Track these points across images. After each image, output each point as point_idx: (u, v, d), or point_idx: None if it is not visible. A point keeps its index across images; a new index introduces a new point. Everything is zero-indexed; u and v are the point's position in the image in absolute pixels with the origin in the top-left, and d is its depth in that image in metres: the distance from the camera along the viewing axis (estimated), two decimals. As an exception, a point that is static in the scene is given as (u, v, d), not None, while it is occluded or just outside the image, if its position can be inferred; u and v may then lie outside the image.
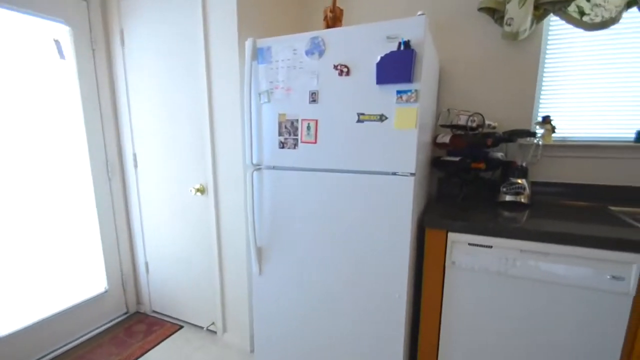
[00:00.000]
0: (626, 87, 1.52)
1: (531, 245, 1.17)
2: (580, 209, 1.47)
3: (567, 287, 1.15)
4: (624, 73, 1.51)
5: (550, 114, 1.62)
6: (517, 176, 1.55)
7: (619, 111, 1.55)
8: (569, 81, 1.60)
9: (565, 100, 1.62)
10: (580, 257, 1.12)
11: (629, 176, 1.53)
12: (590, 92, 1.57)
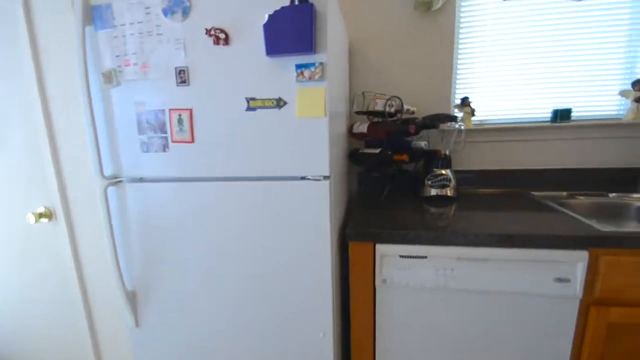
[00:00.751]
0: (541, 65, 1.45)
1: (469, 251, 0.97)
2: (505, 197, 1.36)
3: (510, 295, 0.99)
4: (539, 50, 1.43)
5: (467, 95, 1.48)
6: (441, 166, 1.38)
7: (536, 91, 1.48)
8: (484, 59, 1.49)
9: (481, 80, 1.51)
10: (521, 260, 0.95)
11: (548, 158, 1.48)
12: (505, 70, 1.48)
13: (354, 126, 1.40)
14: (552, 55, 1.42)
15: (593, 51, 1.39)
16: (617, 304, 0.94)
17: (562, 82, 1.44)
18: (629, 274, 0.91)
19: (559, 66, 1.43)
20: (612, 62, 1.39)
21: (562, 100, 1.46)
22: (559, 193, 1.38)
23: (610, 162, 1.42)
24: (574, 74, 1.42)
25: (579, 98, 1.44)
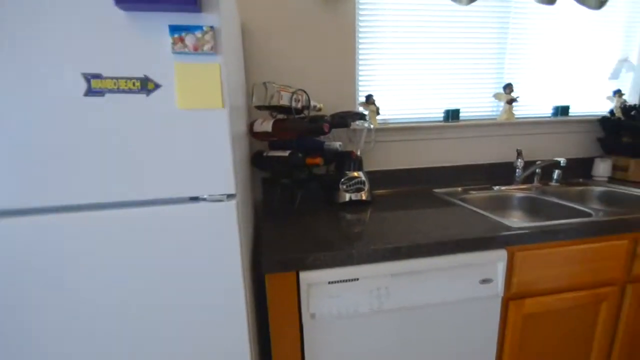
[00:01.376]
0: (432, 68, 1.48)
1: (405, 265, 0.86)
2: (413, 197, 1.33)
3: (444, 305, 0.92)
4: (430, 53, 1.46)
5: (371, 92, 1.41)
6: (354, 168, 1.26)
7: (430, 91, 1.51)
8: (384, 56, 1.44)
9: (382, 78, 1.46)
10: (454, 266, 0.89)
11: (443, 156, 1.53)
12: (402, 70, 1.46)
13: (255, 124, 1.15)
14: (440, 58, 1.47)
15: (472, 57, 1.49)
16: (529, 296, 0.97)
17: (451, 85, 1.51)
18: (538, 267, 0.95)
19: (447, 69, 1.49)
20: (487, 67, 1.52)
21: (452, 101, 1.53)
22: (455, 189, 1.44)
23: (489, 157, 1.56)
24: (459, 78, 1.51)
25: (465, 99, 1.54)
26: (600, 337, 1.05)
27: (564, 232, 0.93)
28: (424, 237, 0.88)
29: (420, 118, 1.52)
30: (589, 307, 1.01)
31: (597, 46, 1.56)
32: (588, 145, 1.62)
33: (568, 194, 1.44)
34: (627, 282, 1.03)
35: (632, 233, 0.99)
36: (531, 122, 1.54)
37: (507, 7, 1.46)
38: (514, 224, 0.96)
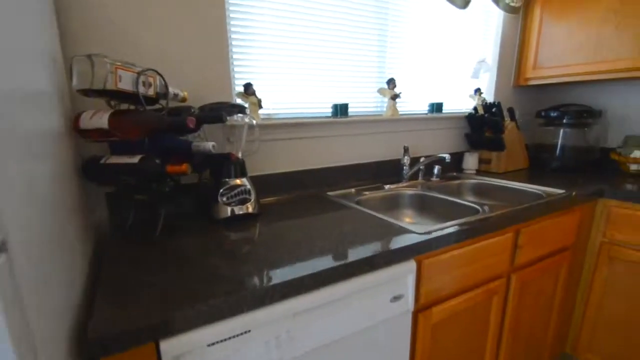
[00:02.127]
0: (317, 58, 1.33)
1: (309, 300, 0.67)
2: (306, 203, 1.17)
3: (354, 335, 0.76)
4: (313, 42, 1.30)
5: (250, 81, 1.17)
6: (235, 175, 1.00)
7: (317, 84, 1.36)
8: (263, 36, 1.21)
9: (264, 64, 1.24)
10: (363, 288, 0.74)
11: (334, 155, 1.41)
12: (286, 56, 1.27)
13: (81, 117, 0.77)
14: (325, 47, 1.34)
15: (356, 49, 1.41)
16: (436, 304, 0.91)
17: (337, 78, 1.40)
18: (442, 272, 0.89)
19: (332, 61, 1.36)
20: (370, 61, 1.46)
21: (339, 96, 1.42)
22: (349, 190, 1.34)
23: (378, 155, 1.52)
24: (345, 70, 1.41)
25: (352, 94, 1.45)
26: (493, 329, 1.09)
27: (464, 233, 0.90)
28: (328, 259, 0.70)
29: (308, 113, 1.37)
30: (483, 303, 1.03)
31: (462, 47, 1.69)
32: (459, 141, 1.76)
33: (449, 188, 1.51)
34: (511, 272, 1.09)
35: (514, 226, 1.04)
36: (413, 118, 1.56)
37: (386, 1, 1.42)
38: (418, 228, 0.88)
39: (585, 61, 1.58)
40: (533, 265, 1.15)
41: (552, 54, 1.70)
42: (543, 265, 1.18)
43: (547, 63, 1.73)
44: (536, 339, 1.30)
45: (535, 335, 1.29)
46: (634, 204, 1.25)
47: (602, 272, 1.35)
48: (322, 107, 1.39)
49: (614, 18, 1.46)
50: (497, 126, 1.62)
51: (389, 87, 1.47)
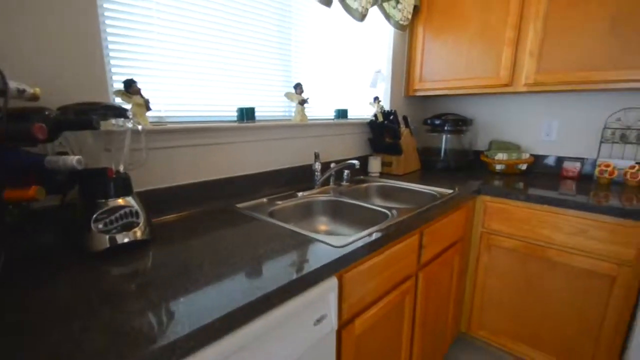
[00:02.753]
0: (223, 54, 1.19)
1: (219, 350, 0.54)
2: (212, 220, 1.02)
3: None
4: (214, 40, 1.16)
5: (132, 77, 0.97)
6: (116, 194, 0.80)
7: (219, 85, 1.21)
8: (149, 24, 1.02)
9: (152, 58, 1.04)
10: (282, 320, 0.65)
11: (240, 162, 1.28)
12: (181, 51, 1.10)
13: None
14: (227, 47, 1.21)
15: (260, 53, 1.32)
16: (358, 316, 0.88)
17: (241, 80, 1.28)
18: (362, 282, 0.87)
19: (235, 61, 1.24)
20: (275, 64, 1.39)
21: (245, 98, 1.31)
22: (260, 201, 1.25)
23: (289, 161, 1.46)
24: (249, 72, 1.30)
25: (258, 97, 1.35)
26: (407, 326, 1.13)
27: (379, 241, 0.89)
28: (244, 292, 0.60)
29: (209, 117, 1.22)
30: (398, 305, 1.06)
31: (362, 57, 1.76)
32: (363, 145, 1.83)
33: (359, 191, 1.55)
34: (418, 271, 1.15)
35: (419, 228, 1.10)
36: (321, 124, 1.55)
37: (288, 2, 1.37)
38: (336, 241, 0.84)
39: (459, 77, 1.82)
40: (434, 261, 1.25)
41: (433, 69, 1.92)
42: (442, 259, 1.30)
43: (430, 77, 1.94)
44: (440, 325, 1.42)
45: (439, 322, 1.41)
46: (501, 198, 1.48)
47: (484, 258, 1.57)
48: (227, 111, 1.25)
49: (478, 43, 1.72)
50: (395, 132, 1.74)
51: (297, 92, 1.42)
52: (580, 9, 1.42)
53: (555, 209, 1.35)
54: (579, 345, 1.38)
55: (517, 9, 1.57)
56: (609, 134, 1.68)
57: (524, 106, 1.93)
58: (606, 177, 1.60)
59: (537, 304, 1.46)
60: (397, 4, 1.74)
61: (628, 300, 1.24)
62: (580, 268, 1.33)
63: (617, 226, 1.23)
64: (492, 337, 1.61)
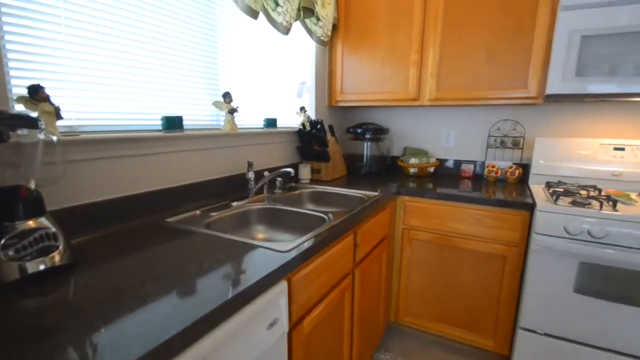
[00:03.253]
0: (146, 63, 1.12)
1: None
2: (141, 237, 0.95)
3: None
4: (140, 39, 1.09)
5: (39, 81, 0.85)
6: (27, 215, 0.70)
7: (141, 92, 1.14)
8: (58, 26, 0.92)
9: (64, 61, 0.93)
10: (235, 330, 0.66)
11: (168, 174, 1.21)
12: (98, 60, 1.00)
13: None
14: (148, 54, 1.14)
15: (186, 60, 1.28)
16: (305, 316, 0.92)
17: (167, 88, 1.22)
18: (309, 284, 0.91)
19: (157, 66, 1.18)
20: (201, 72, 1.36)
21: (172, 107, 1.25)
22: (193, 213, 1.20)
23: (220, 171, 1.42)
24: (175, 80, 1.25)
25: (184, 106, 1.30)
26: (347, 321, 1.20)
27: (321, 242, 0.95)
28: (189, 309, 0.58)
29: (133, 126, 1.13)
30: (339, 301, 1.12)
31: (288, 68, 1.83)
32: (293, 153, 1.88)
33: (292, 198, 1.59)
34: (354, 268, 1.24)
35: (353, 228, 1.19)
36: (252, 133, 1.56)
37: (212, 12, 1.37)
38: (282, 246, 0.87)
39: (375, 91, 2.02)
40: (367, 258, 1.36)
41: (353, 82, 2.09)
42: (372, 256, 1.42)
43: (350, 89, 2.11)
44: (373, 317, 1.54)
45: (373, 314, 1.52)
46: (417, 197, 1.68)
47: (406, 251, 1.75)
48: (153, 119, 1.18)
49: (389, 62, 1.94)
50: (322, 141, 1.83)
51: (225, 101, 1.40)
52: (464, 42, 1.73)
53: (458, 203, 1.59)
54: (484, 316, 1.64)
55: (419, 37, 1.82)
56: (492, 141, 2.05)
57: (429, 117, 2.22)
58: (493, 176, 1.95)
59: (450, 286, 1.69)
60: (317, 21, 1.85)
61: (516, 274, 1.53)
62: (480, 252, 1.59)
63: (503, 215, 1.51)
64: (417, 322, 1.80)
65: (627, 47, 1.38)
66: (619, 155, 1.69)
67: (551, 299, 1.41)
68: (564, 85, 1.50)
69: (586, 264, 1.33)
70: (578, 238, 1.33)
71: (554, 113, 1.89)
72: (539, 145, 1.84)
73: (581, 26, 1.43)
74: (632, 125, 1.74)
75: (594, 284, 1.33)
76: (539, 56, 1.58)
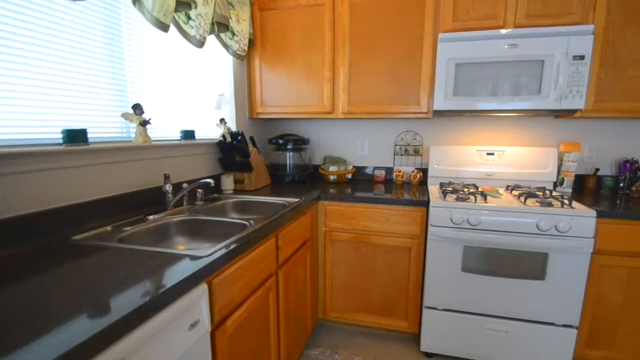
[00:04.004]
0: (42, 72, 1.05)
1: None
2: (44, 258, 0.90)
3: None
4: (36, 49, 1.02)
5: None
6: None
7: (42, 104, 1.06)
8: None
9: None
10: (160, 326, 0.68)
11: (73, 190, 1.14)
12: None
13: None
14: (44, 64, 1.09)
15: (89, 71, 1.23)
16: (229, 316, 0.96)
17: (68, 100, 1.16)
18: (231, 285, 0.96)
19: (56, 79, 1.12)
20: (107, 84, 1.32)
21: (76, 119, 1.19)
22: (103, 229, 1.15)
23: (134, 185, 1.38)
24: (77, 91, 1.20)
25: (92, 118, 1.25)
26: (273, 319, 1.26)
27: (241, 246, 1.01)
28: (109, 311, 0.60)
29: (26, 140, 1.05)
30: (264, 301, 1.19)
31: (205, 80, 1.85)
32: (214, 164, 1.90)
33: (215, 209, 1.60)
34: (278, 269, 1.32)
35: (274, 232, 1.27)
36: (168, 145, 1.54)
37: (117, 22, 1.34)
38: (201, 252, 0.91)
39: (294, 104, 2.15)
40: (290, 260, 1.45)
41: (273, 96, 2.19)
42: (296, 257, 1.51)
43: (270, 102, 2.21)
44: (301, 315, 1.62)
45: (300, 313, 1.61)
46: (336, 202, 1.84)
47: (329, 251, 1.89)
48: (53, 132, 1.11)
49: (305, 78, 2.10)
50: (244, 151, 1.89)
51: (136, 113, 1.38)
52: (369, 63, 1.97)
53: (371, 205, 1.80)
54: (397, 302, 1.85)
55: (330, 57, 2.02)
56: (398, 149, 2.34)
57: (345, 129, 2.44)
58: (400, 180, 2.23)
59: (367, 279, 1.88)
60: (233, 36, 1.92)
61: (419, 262, 1.77)
62: (390, 245, 1.81)
63: (407, 212, 1.75)
64: (342, 316, 1.95)
65: (488, 73, 1.75)
66: (490, 159, 2.10)
67: (446, 279, 1.68)
68: (446, 103, 1.82)
69: (468, 247, 1.62)
70: (461, 226, 1.62)
71: (443, 125, 2.26)
72: (433, 152, 2.17)
73: (455, 55, 1.76)
74: (498, 134, 2.17)
75: (475, 263, 1.63)
76: (427, 78, 1.89)
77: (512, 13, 1.74)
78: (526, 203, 1.61)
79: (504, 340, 1.67)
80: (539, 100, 1.71)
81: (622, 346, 1.60)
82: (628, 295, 1.56)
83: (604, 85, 1.72)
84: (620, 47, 1.68)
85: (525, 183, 2.04)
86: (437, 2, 1.82)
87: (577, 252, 1.52)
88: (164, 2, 1.25)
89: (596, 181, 2.04)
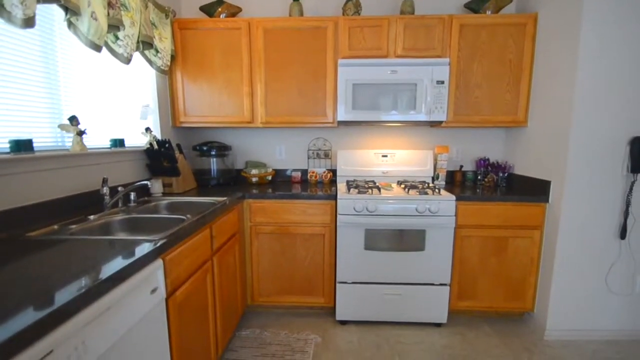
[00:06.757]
0: None
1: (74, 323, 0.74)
2: (10, 248, 1.00)
3: (129, 333, 0.88)
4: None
5: None
6: None
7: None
8: None
9: None
10: (131, 290, 0.89)
11: (19, 194, 1.20)
12: None
13: None
14: None
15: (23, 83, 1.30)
16: (178, 288, 1.18)
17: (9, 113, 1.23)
18: (178, 263, 1.18)
19: None
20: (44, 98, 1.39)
21: (13, 131, 1.25)
22: (50, 228, 1.24)
23: (72, 189, 1.46)
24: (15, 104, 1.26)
25: (28, 129, 1.31)
26: (211, 299, 1.48)
27: (184, 233, 1.23)
28: (91, 279, 0.80)
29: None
30: (203, 281, 1.41)
31: (132, 92, 1.95)
32: (143, 170, 2.00)
33: (150, 209, 1.74)
34: (212, 255, 1.54)
35: (208, 224, 1.50)
36: (101, 152, 1.63)
37: (52, 44, 1.43)
38: (154, 237, 1.11)
39: (216, 114, 2.37)
40: (222, 248, 1.68)
41: (195, 106, 2.37)
42: (227, 247, 1.75)
43: (192, 112, 2.38)
44: (232, 299, 1.85)
45: (232, 297, 1.84)
46: (259, 200, 2.12)
47: (254, 244, 2.16)
48: None
49: (225, 92, 2.34)
50: (171, 158, 2.04)
51: (73, 124, 1.47)
52: (282, 81, 2.31)
53: (290, 201, 2.13)
54: (315, 281, 2.21)
55: (248, 74, 2.30)
56: (311, 153, 2.74)
57: (264, 136, 2.74)
58: (314, 180, 2.62)
59: (290, 264, 2.20)
60: (157, 53, 2.06)
61: (332, 245, 2.17)
62: (308, 234, 2.16)
63: (320, 205, 2.13)
64: (268, 299, 2.23)
65: (378, 92, 2.25)
66: (385, 160, 2.63)
67: (352, 257, 2.10)
68: (347, 115, 2.27)
69: (368, 230, 2.08)
70: (362, 213, 2.06)
71: (347, 133, 2.73)
72: (340, 155, 2.62)
73: (352, 77, 2.22)
74: (390, 140, 2.74)
75: (374, 242, 2.09)
76: (331, 95, 2.33)
77: (392, 46, 2.28)
78: (409, 193, 2.13)
79: (399, 301, 2.15)
80: (415, 113, 2.27)
81: (481, 296, 2.21)
82: (481, 257, 2.17)
83: (459, 103, 2.35)
84: (468, 75, 2.33)
85: (411, 178, 2.62)
86: (336, 34, 2.26)
87: (445, 227, 2.08)
88: (98, 26, 1.39)
89: (462, 175, 2.72)
